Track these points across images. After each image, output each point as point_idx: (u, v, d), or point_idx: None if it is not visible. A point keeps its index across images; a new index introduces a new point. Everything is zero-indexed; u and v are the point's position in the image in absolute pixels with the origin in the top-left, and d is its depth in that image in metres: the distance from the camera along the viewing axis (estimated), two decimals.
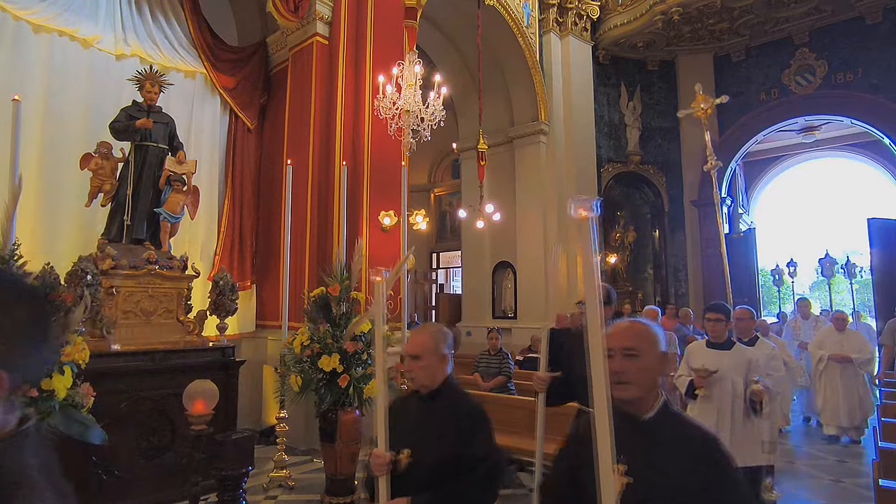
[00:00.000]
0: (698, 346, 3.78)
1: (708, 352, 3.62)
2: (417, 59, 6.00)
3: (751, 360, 3.48)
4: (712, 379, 3.42)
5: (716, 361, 3.49)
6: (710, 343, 3.66)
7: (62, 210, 5.68)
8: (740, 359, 3.50)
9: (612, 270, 11.97)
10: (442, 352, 2.13)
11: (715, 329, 3.61)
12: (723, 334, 3.61)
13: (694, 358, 3.69)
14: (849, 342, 6.54)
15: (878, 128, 10.54)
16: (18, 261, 2.68)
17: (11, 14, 5.48)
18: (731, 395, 3.42)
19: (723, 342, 3.60)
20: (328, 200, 6.58)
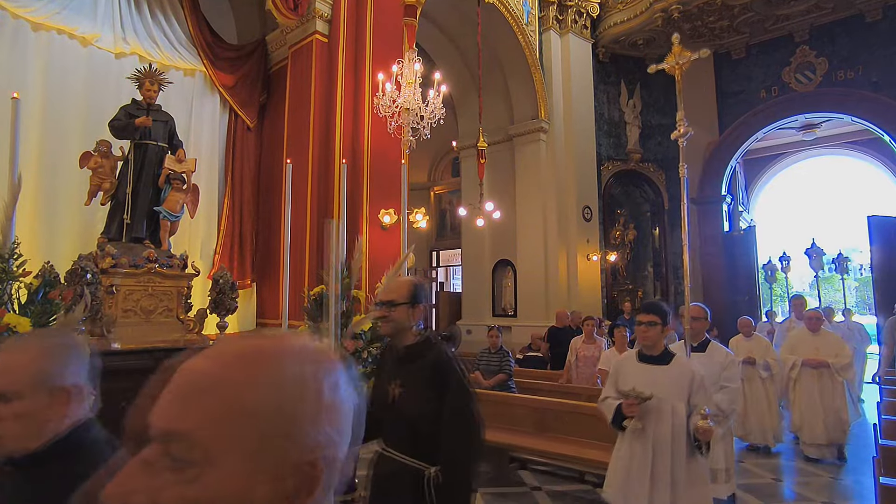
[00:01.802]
0: (628, 361, 2.90)
1: (640, 368, 2.77)
2: (417, 57, 5.99)
3: (695, 377, 2.66)
4: (646, 406, 2.59)
5: (650, 381, 2.66)
6: (642, 356, 2.81)
7: (62, 209, 5.68)
8: (681, 376, 2.67)
9: (612, 268, 11.97)
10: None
11: (647, 336, 2.74)
12: (657, 343, 2.77)
13: (623, 376, 2.82)
14: (825, 345, 5.62)
15: (878, 125, 10.52)
16: (18, 260, 2.68)
17: (10, 12, 5.47)
18: (671, 425, 2.60)
19: (658, 354, 2.77)
20: (328, 199, 6.57)
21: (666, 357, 2.77)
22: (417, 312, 2.07)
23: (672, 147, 12.53)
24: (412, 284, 2.10)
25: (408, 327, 2.05)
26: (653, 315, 2.76)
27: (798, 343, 5.82)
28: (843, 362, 5.50)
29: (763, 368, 5.79)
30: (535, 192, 10.48)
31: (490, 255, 11.15)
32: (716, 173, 12.06)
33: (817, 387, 5.56)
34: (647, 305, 2.90)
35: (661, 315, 2.76)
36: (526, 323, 10.09)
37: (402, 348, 2.07)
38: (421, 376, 1.98)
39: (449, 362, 1.99)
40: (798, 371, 5.65)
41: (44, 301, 2.70)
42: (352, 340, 4.21)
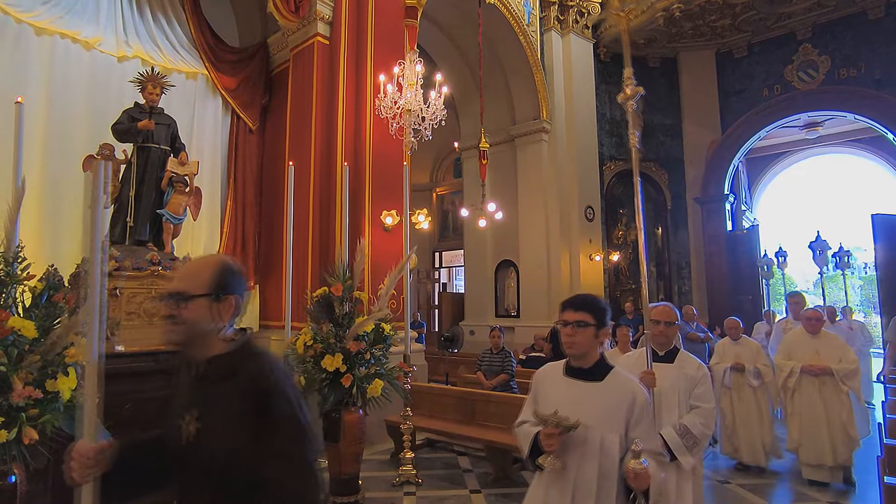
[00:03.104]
0: (552, 374, 2.16)
1: (565, 384, 2.07)
2: (418, 59, 6.00)
3: (636, 402, 1.94)
4: (570, 438, 1.90)
5: (576, 402, 1.96)
6: (570, 368, 2.09)
7: (65, 212, 5.70)
8: (618, 399, 1.96)
9: (614, 268, 11.96)
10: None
11: (573, 341, 2.01)
12: (588, 352, 2.03)
13: (544, 394, 2.11)
14: (826, 348, 4.81)
15: (881, 123, 10.49)
16: (22, 263, 2.70)
17: (14, 17, 5.50)
18: (597, 465, 1.91)
19: (589, 367, 2.05)
20: (330, 200, 6.58)
21: (599, 371, 2.03)
22: (226, 308, 1.43)
23: (674, 147, 12.54)
24: (215, 267, 1.46)
25: (210, 331, 1.41)
26: (582, 313, 1.99)
27: (795, 346, 4.98)
28: (849, 369, 4.70)
29: (753, 376, 5.19)
30: (537, 193, 10.48)
31: (492, 256, 11.15)
32: (718, 172, 12.04)
33: (819, 397, 4.76)
34: (574, 300, 2.07)
35: (595, 313, 2.01)
36: (528, 323, 10.09)
37: (201, 363, 1.42)
38: (228, 404, 1.34)
39: (274, 382, 1.37)
40: (796, 379, 4.84)
41: (48, 304, 2.71)
42: (354, 342, 4.21)
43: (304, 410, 1.39)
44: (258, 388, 1.35)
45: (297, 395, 1.41)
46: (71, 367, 2.64)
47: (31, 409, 2.45)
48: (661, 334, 2.88)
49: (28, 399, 2.42)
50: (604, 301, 2.11)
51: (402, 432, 5.01)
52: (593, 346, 2.04)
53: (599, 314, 2.02)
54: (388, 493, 4.64)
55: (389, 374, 4.43)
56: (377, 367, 4.32)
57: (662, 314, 2.91)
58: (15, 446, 2.40)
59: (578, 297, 2.12)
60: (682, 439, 2.67)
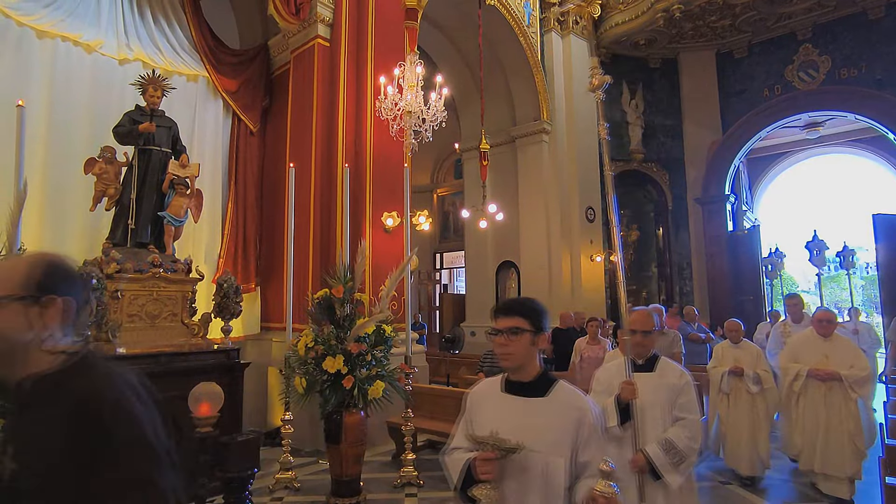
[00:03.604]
0: (489, 390, 1.86)
1: (504, 401, 1.78)
2: (419, 60, 6.01)
3: (585, 420, 1.69)
4: (510, 464, 1.63)
5: (516, 422, 1.68)
6: (509, 383, 1.81)
7: (67, 214, 5.71)
8: (564, 417, 1.69)
9: (615, 269, 11.94)
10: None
11: (507, 352, 1.74)
12: (527, 362, 1.76)
13: (479, 414, 1.82)
14: (836, 353, 4.47)
15: (882, 123, 10.48)
16: None
17: (15, 20, 5.52)
18: (542, 495, 1.66)
19: (530, 380, 1.77)
20: (331, 202, 6.59)
21: (542, 385, 1.75)
22: (51, 313, 1.15)
23: (675, 147, 12.53)
24: (32, 264, 1.18)
25: (28, 343, 1.13)
26: (515, 318, 1.73)
27: (803, 349, 4.66)
28: (859, 375, 4.33)
29: (752, 381, 4.88)
30: (538, 194, 10.48)
31: (493, 257, 11.15)
32: (719, 172, 12.03)
33: (824, 405, 4.43)
34: (504, 304, 1.83)
35: (530, 317, 1.74)
36: None
37: (19, 384, 1.13)
38: (50, 435, 1.06)
39: (112, 402, 1.10)
40: (802, 383, 4.52)
41: None
42: (356, 344, 4.22)
43: (158, 431, 1.14)
44: (90, 411, 1.07)
45: (150, 414, 1.15)
46: None
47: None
48: (639, 345, 2.71)
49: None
50: (540, 303, 1.83)
51: (403, 434, 5.01)
52: (532, 356, 1.78)
53: (535, 318, 1.75)
54: (389, 495, 4.64)
55: (391, 376, 4.43)
56: (378, 369, 4.32)
57: (638, 323, 2.70)
58: None
59: (510, 301, 1.87)
60: (667, 455, 2.48)
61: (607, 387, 2.74)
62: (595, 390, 2.82)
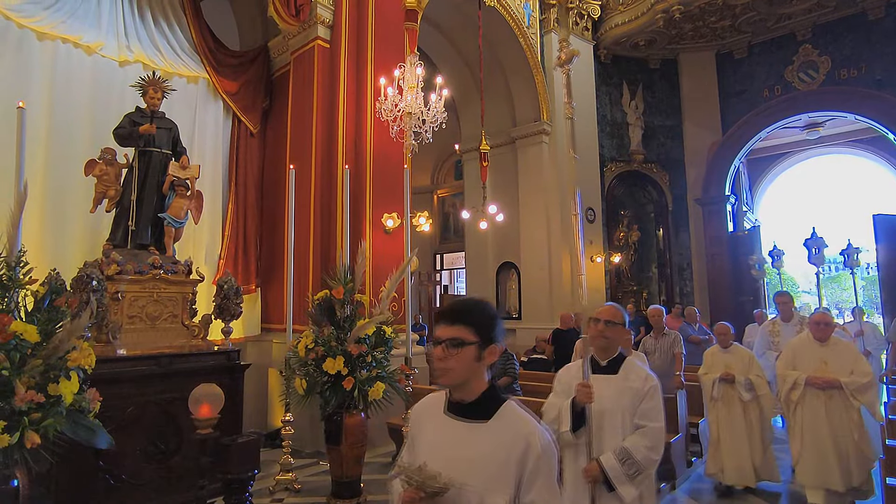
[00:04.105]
0: (432, 410, 1.59)
1: (443, 425, 1.53)
2: (419, 61, 6.01)
3: (530, 450, 1.40)
4: None
5: (453, 450, 1.46)
6: (451, 403, 1.54)
7: (67, 216, 5.71)
8: (507, 447, 1.42)
9: (616, 270, 11.95)
10: None
11: (447, 367, 1.46)
12: (473, 380, 1.49)
13: (419, 439, 1.59)
14: (835, 358, 4.18)
15: (882, 124, 10.48)
16: (25, 267, 2.70)
17: (16, 22, 5.52)
18: None
19: (473, 401, 1.50)
20: (331, 203, 6.59)
21: (486, 406, 1.47)
22: None
23: (675, 148, 12.53)
24: None
25: None
26: (459, 327, 1.44)
27: (800, 354, 4.37)
28: (861, 382, 4.04)
29: (744, 388, 4.66)
30: (538, 194, 10.48)
31: (494, 258, 11.15)
32: (719, 173, 12.03)
33: (825, 414, 4.14)
34: (449, 309, 1.51)
35: (477, 325, 1.45)
36: (530, 325, 10.08)
37: None
38: None
39: None
40: (801, 392, 4.22)
41: (50, 308, 2.71)
42: (356, 345, 4.22)
43: None
44: None
45: None
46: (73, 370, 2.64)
47: (34, 413, 2.45)
48: (599, 335, 2.47)
49: (30, 403, 2.42)
50: (492, 309, 1.53)
51: (403, 435, 5.01)
52: (477, 372, 1.48)
53: (484, 327, 1.46)
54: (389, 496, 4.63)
55: (391, 377, 4.43)
56: (379, 370, 4.32)
57: (603, 312, 2.52)
58: (17, 450, 2.39)
59: (456, 304, 1.53)
60: (623, 466, 2.32)
61: (567, 387, 2.53)
62: (555, 391, 2.64)
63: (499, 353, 1.51)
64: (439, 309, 1.60)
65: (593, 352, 2.55)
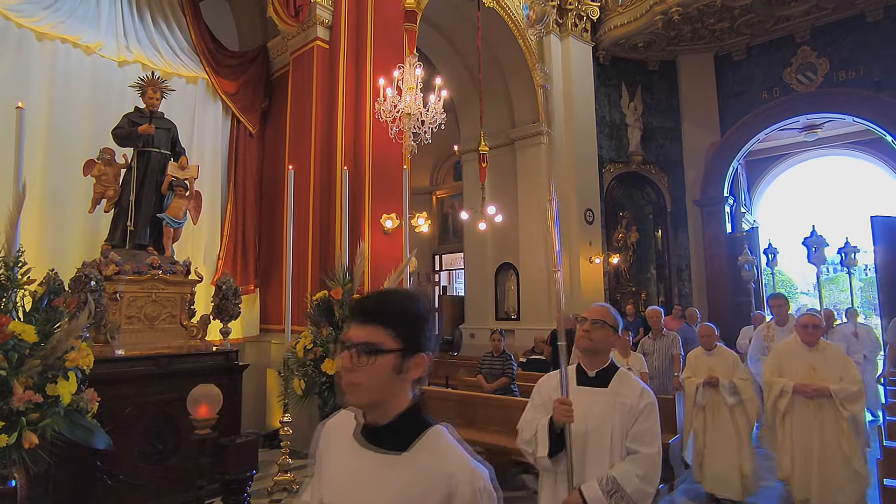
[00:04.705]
0: (343, 430, 1.24)
1: (353, 453, 1.17)
2: (418, 62, 6.02)
3: (456, 492, 1.06)
4: None
5: (360, 489, 1.12)
6: (365, 428, 1.18)
7: (66, 216, 5.71)
8: (428, 487, 1.07)
9: (615, 271, 11.96)
10: None
11: (355, 381, 1.10)
12: (388, 399, 1.14)
13: (326, 469, 1.22)
14: (825, 364, 3.94)
15: (880, 125, 10.50)
16: (23, 268, 2.70)
17: (14, 22, 5.52)
18: None
19: (389, 423, 1.14)
20: (330, 204, 6.60)
21: (404, 432, 1.14)
22: None
23: (674, 149, 12.55)
24: None
25: None
26: (375, 328, 1.12)
27: (787, 360, 4.09)
28: (850, 390, 3.79)
29: (729, 392, 4.43)
30: (537, 195, 10.48)
31: (492, 259, 11.16)
32: (718, 174, 12.05)
33: (816, 423, 3.88)
34: (367, 304, 1.18)
35: (398, 328, 1.13)
36: (529, 326, 10.08)
37: None
38: None
39: None
40: (788, 401, 3.96)
41: (48, 308, 2.71)
42: None
43: None
44: None
45: None
46: (71, 371, 2.64)
47: (32, 414, 2.45)
48: (584, 337, 2.17)
49: (28, 403, 2.42)
50: (421, 303, 1.18)
51: None
52: (396, 389, 1.13)
53: (408, 328, 1.13)
54: None
55: None
56: None
57: (591, 311, 2.25)
58: (15, 450, 2.39)
59: (373, 297, 1.20)
60: (610, 498, 1.95)
61: (547, 400, 2.15)
62: (532, 403, 2.27)
63: (427, 365, 1.16)
64: (353, 303, 1.21)
65: (580, 359, 2.22)
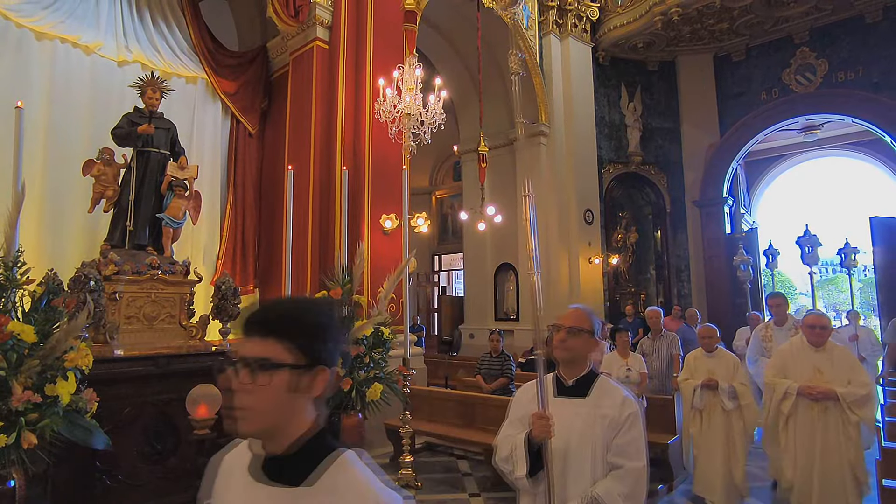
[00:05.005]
0: (238, 461, 1.06)
1: (249, 491, 0.99)
2: (417, 63, 6.02)
3: None
4: None
5: None
6: (264, 461, 1.01)
7: (65, 216, 5.71)
8: None
9: (614, 271, 11.96)
10: None
11: (247, 402, 0.93)
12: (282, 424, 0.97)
13: None
14: (831, 366, 3.73)
15: (879, 126, 10.52)
16: (22, 268, 2.70)
17: (14, 22, 5.52)
18: None
19: (289, 451, 0.98)
20: (329, 204, 6.59)
21: (302, 464, 1.00)
22: None
23: (673, 150, 12.56)
24: None
25: None
26: (271, 342, 0.96)
27: (791, 361, 3.90)
28: (859, 394, 3.57)
29: (728, 396, 4.24)
30: (537, 196, 10.44)
31: (492, 259, 11.16)
32: (717, 175, 12.06)
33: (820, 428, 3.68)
34: (260, 315, 1.00)
35: (296, 339, 0.97)
36: (528, 327, 10.08)
37: None
38: None
39: None
40: (792, 403, 3.77)
41: (47, 309, 2.71)
42: (353, 346, 4.22)
43: None
44: None
45: None
46: (70, 371, 2.64)
47: (31, 414, 2.44)
48: (560, 347, 1.98)
49: (27, 403, 2.42)
50: (323, 311, 1.03)
51: (401, 436, 5.00)
52: (292, 412, 0.97)
53: (307, 340, 0.97)
54: None
55: (389, 378, 4.42)
56: (376, 371, 4.31)
57: (565, 317, 2.04)
58: (14, 451, 2.39)
59: (268, 307, 1.02)
60: None
61: (526, 413, 1.95)
62: (510, 417, 2.09)
63: (332, 381, 0.99)
64: (247, 315, 1.02)
65: (557, 368, 2.03)
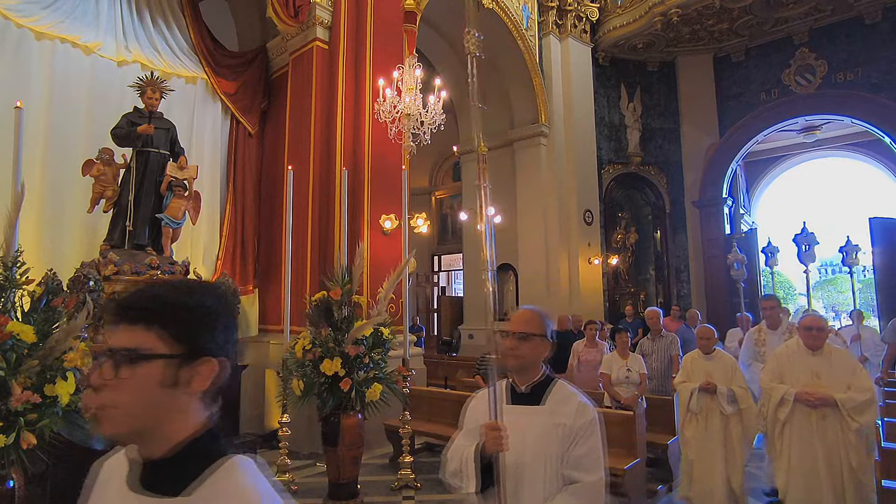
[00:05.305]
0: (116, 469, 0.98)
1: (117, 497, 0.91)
2: (417, 63, 6.02)
3: None
4: None
5: None
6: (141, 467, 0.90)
7: (65, 216, 5.71)
8: None
9: (613, 271, 11.97)
10: None
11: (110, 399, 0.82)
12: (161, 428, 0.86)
13: None
14: (830, 370, 3.58)
15: (878, 127, 10.53)
16: (22, 267, 2.70)
17: (14, 22, 5.52)
18: None
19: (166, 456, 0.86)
20: (329, 204, 6.59)
21: (183, 471, 0.86)
22: None
23: (673, 150, 12.56)
24: None
25: None
26: (141, 330, 0.83)
27: (787, 365, 3.74)
28: (860, 399, 3.41)
29: (727, 400, 4.04)
30: (536, 196, 10.50)
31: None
32: (717, 176, 12.07)
33: (817, 435, 3.52)
34: (127, 301, 0.85)
35: (171, 326, 0.85)
36: None
37: None
38: None
39: None
40: (789, 409, 3.60)
41: (47, 309, 2.71)
42: (353, 346, 4.22)
43: None
44: None
45: None
46: (70, 371, 2.64)
47: (30, 414, 2.44)
48: (510, 355, 1.83)
49: (27, 404, 2.42)
50: (211, 294, 0.92)
51: (400, 436, 5.01)
52: (169, 410, 0.87)
53: (187, 327, 0.87)
54: (387, 498, 4.64)
55: (388, 378, 4.42)
56: (376, 371, 4.31)
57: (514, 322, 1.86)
58: (13, 451, 2.39)
59: (139, 290, 0.88)
60: None
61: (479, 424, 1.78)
62: (465, 428, 1.93)
63: (220, 372, 0.92)
64: (114, 301, 0.86)
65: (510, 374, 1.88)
